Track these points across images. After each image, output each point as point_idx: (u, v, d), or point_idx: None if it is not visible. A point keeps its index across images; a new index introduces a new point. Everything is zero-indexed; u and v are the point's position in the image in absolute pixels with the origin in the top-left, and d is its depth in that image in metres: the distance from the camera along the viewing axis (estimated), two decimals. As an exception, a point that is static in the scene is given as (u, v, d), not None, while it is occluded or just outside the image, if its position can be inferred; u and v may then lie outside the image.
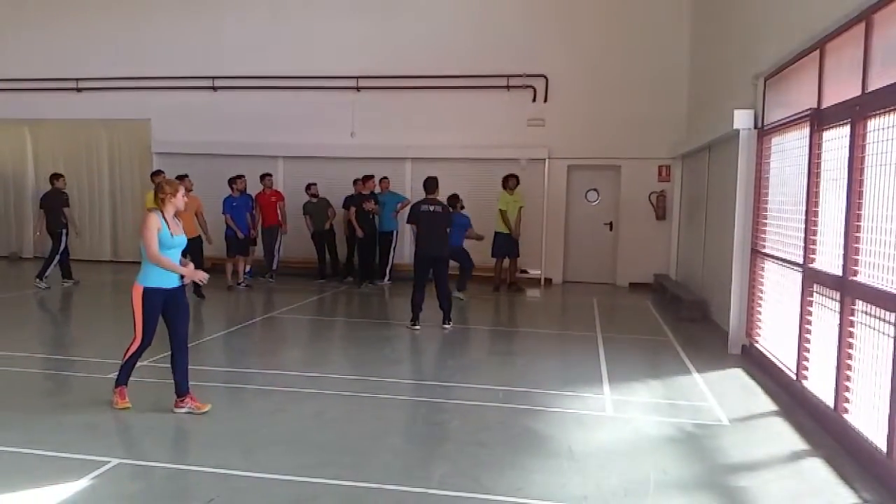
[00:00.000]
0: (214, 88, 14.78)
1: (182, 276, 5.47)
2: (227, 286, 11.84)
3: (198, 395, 5.55)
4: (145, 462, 4.55)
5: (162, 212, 5.41)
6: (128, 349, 5.52)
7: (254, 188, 12.71)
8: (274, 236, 12.86)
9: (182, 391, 5.48)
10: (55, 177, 12.35)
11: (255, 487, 4.23)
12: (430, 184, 9.21)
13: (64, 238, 12.02)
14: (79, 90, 15.35)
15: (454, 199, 11.76)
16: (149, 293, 5.34)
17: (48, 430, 5.06)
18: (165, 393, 5.70)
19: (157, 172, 11.73)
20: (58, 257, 12.07)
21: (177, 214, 5.56)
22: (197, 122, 14.75)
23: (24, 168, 16.14)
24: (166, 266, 5.31)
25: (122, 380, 5.56)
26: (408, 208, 10.77)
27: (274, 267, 12.94)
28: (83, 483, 4.17)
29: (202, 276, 5.54)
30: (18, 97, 15.57)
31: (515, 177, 12.60)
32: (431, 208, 9.03)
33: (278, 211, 12.83)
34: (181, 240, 5.49)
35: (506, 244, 12.45)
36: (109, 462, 4.45)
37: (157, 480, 4.31)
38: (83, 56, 15.21)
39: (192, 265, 5.57)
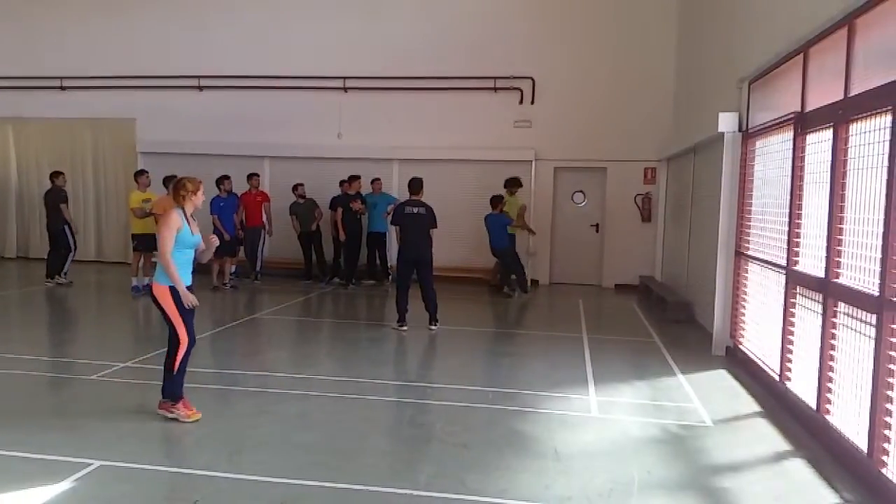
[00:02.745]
0: (200, 88, 14.70)
1: (192, 273, 5.42)
2: (213, 287, 11.78)
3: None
4: (129, 464, 4.50)
5: (182, 209, 5.33)
6: (175, 356, 5.27)
7: (240, 188, 12.66)
8: (257, 237, 12.80)
9: (176, 395, 5.38)
10: (55, 174, 12.34)
11: (239, 489, 4.20)
12: (415, 184, 9.20)
13: (70, 234, 11.97)
14: (63, 89, 15.21)
15: (498, 199, 12.00)
16: (175, 290, 5.22)
17: (32, 431, 5.01)
18: (150, 394, 5.66)
19: (141, 172, 11.65)
20: (72, 253, 12.17)
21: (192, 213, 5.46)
22: (182, 122, 14.65)
23: (7, 168, 15.95)
24: (171, 272, 5.16)
25: (180, 391, 5.31)
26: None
27: (258, 268, 12.88)
28: (66, 485, 4.13)
29: (193, 301, 5.28)
30: (1, 95, 15.40)
31: (519, 181, 12.64)
32: (415, 210, 9.02)
33: (263, 212, 12.78)
34: (199, 239, 5.42)
35: None
36: (93, 464, 4.42)
37: (140, 482, 4.27)
38: (67, 54, 15.08)
39: (214, 257, 5.46)
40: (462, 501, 4.10)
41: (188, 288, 5.32)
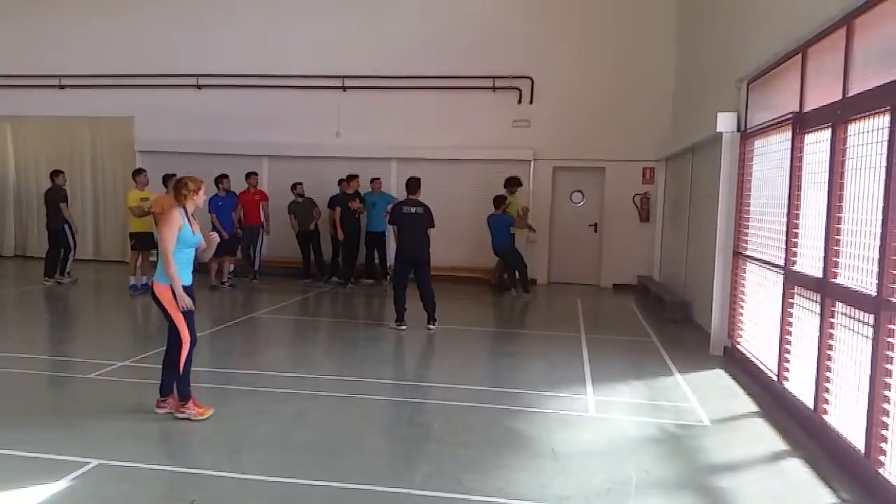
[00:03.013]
0: (199, 87, 14.68)
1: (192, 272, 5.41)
2: (211, 286, 11.77)
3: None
4: (126, 463, 4.49)
5: (184, 208, 5.31)
6: (179, 355, 5.25)
7: (239, 187, 12.66)
8: (255, 236, 12.80)
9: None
10: (55, 173, 12.35)
11: (237, 488, 4.20)
12: (413, 184, 9.20)
13: (69, 233, 11.97)
14: (61, 87, 15.18)
15: (501, 199, 12.13)
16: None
17: (29, 430, 5.00)
18: (148, 393, 5.66)
19: (139, 171, 11.64)
20: (73, 252, 12.18)
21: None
22: (181, 121, 14.63)
23: (6, 166, 15.94)
24: (171, 272, 5.13)
25: (188, 390, 5.30)
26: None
27: (256, 267, 12.90)
28: (62, 484, 4.12)
29: (187, 305, 5.22)
30: (-1, 94, 15.42)
31: (519, 180, 12.74)
32: (413, 209, 9.02)
33: (261, 210, 12.78)
34: (200, 238, 5.41)
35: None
36: (90, 463, 4.41)
37: (137, 481, 4.27)
38: (66, 52, 15.06)
39: (213, 256, 5.41)
40: (459, 500, 4.10)
41: (189, 287, 5.32)
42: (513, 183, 12.63)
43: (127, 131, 15.07)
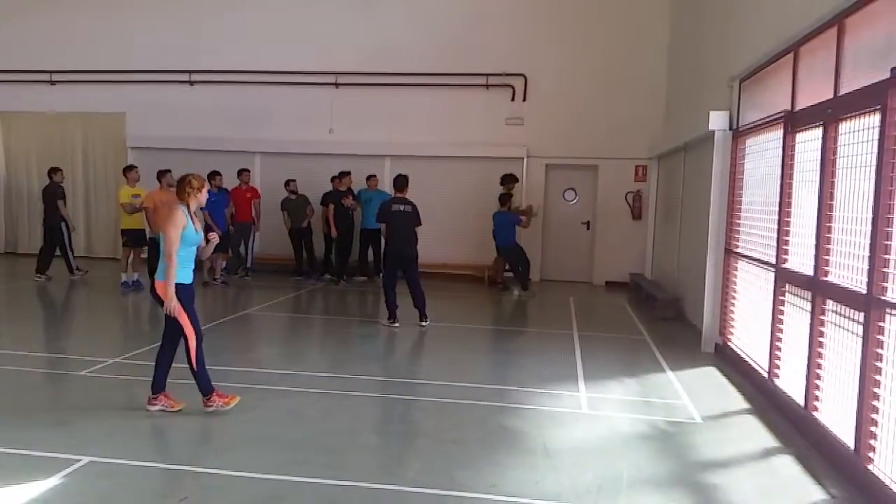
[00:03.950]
0: (191, 83, 14.63)
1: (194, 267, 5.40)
2: (203, 282, 11.72)
3: (172, 393, 5.48)
4: (117, 460, 4.47)
5: (187, 206, 5.30)
6: (188, 354, 5.25)
7: (231, 184, 12.62)
8: (246, 232, 12.77)
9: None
10: (53, 171, 12.32)
11: (229, 486, 4.19)
12: (401, 182, 9.18)
13: (65, 230, 11.93)
14: (52, 83, 15.10)
15: (506, 197, 12.18)
16: (179, 287, 5.19)
17: (20, 427, 4.99)
18: (140, 390, 5.64)
19: (131, 167, 11.57)
20: (70, 250, 12.13)
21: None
22: (173, 117, 14.57)
23: (-4, 161, 15.87)
24: (170, 270, 5.12)
25: (208, 384, 5.35)
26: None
27: (248, 265, 12.87)
28: (53, 481, 4.11)
29: (172, 309, 5.17)
30: (-10, 89, 15.30)
31: (515, 177, 12.80)
32: (402, 207, 9.01)
33: (252, 207, 12.75)
34: (201, 236, 5.40)
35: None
36: (81, 460, 4.40)
37: (128, 479, 4.25)
38: (57, 48, 14.96)
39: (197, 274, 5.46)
40: (451, 497, 4.11)
41: (189, 285, 5.32)
42: (509, 180, 12.64)
43: (119, 127, 15.00)
